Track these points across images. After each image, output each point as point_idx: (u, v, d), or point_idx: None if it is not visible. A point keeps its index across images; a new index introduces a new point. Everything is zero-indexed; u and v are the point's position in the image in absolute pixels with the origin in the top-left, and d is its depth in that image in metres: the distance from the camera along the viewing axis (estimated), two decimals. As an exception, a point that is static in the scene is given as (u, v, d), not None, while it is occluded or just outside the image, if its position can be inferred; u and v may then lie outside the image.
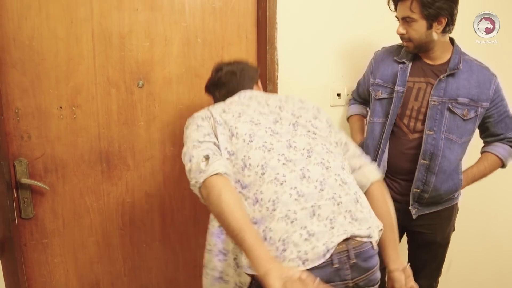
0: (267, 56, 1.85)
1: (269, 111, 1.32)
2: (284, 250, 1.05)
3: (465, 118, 1.60)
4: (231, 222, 1.04)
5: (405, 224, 1.70)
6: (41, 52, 1.55)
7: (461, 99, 1.59)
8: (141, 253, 1.81)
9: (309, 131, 1.27)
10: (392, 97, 1.66)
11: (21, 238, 1.63)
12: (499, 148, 1.71)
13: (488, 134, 1.72)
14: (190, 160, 1.18)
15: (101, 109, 1.66)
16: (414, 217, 1.68)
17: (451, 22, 1.58)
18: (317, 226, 1.08)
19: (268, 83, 1.87)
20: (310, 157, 1.20)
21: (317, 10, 1.94)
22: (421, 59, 1.68)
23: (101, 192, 1.71)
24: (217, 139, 1.23)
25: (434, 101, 1.60)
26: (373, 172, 1.34)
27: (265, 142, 1.20)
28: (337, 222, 1.11)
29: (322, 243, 1.06)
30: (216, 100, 1.49)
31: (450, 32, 1.63)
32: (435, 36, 1.58)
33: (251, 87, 1.47)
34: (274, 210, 1.10)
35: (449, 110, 1.59)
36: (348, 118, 2.00)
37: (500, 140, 1.71)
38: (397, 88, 1.66)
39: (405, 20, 1.58)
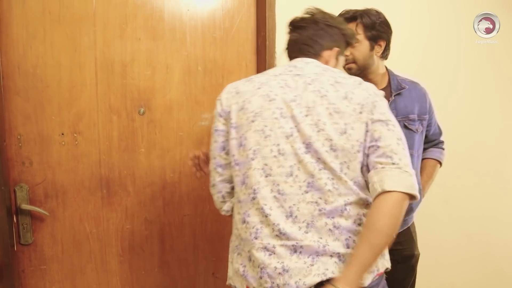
0: (267, 84, 1.88)
1: (290, 115, 1.14)
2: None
3: (418, 132, 1.71)
4: None
5: None
6: (44, 80, 1.58)
7: (411, 116, 1.70)
8: (140, 280, 1.80)
9: (319, 159, 1.10)
10: None
11: (20, 264, 1.63)
12: (435, 153, 1.86)
13: (426, 141, 1.83)
14: (213, 188, 1.36)
15: (102, 136, 1.68)
16: None
17: (388, 47, 1.69)
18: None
19: (268, 110, 1.89)
20: (306, 193, 1.10)
21: None
22: None
23: (100, 218, 1.72)
24: (227, 144, 1.24)
25: None
26: (385, 181, 1.06)
27: (265, 165, 1.13)
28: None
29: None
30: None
31: (386, 59, 1.72)
32: (375, 59, 1.67)
33: (316, 53, 1.27)
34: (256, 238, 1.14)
35: (405, 127, 1.68)
36: None
37: (434, 146, 1.87)
38: None
39: None
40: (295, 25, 1.31)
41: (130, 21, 1.68)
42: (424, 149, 1.85)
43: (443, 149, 1.90)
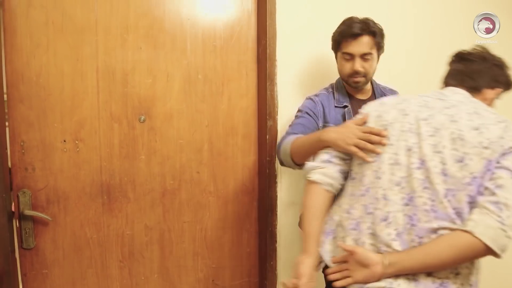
0: (267, 92, 1.89)
1: (417, 132, 1.16)
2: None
3: None
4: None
5: None
6: (47, 88, 1.63)
7: None
8: (140, 285, 1.82)
9: (427, 177, 1.11)
10: None
11: (22, 268, 1.66)
12: None
13: None
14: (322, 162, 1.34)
15: (104, 143, 1.71)
16: None
17: None
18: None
19: (268, 118, 1.90)
20: (406, 205, 1.13)
21: (316, 47, 1.98)
22: (353, 97, 1.73)
23: (101, 224, 1.74)
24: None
25: None
26: (480, 227, 1.05)
27: (380, 169, 1.19)
28: None
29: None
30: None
31: None
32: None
33: (477, 88, 1.27)
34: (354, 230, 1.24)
35: None
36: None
37: None
38: None
39: (363, 57, 1.60)
40: (462, 57, 1.34)
41: (131, 30, 1.71)
42: None
43: None
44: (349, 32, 1.58)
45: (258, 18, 1.91)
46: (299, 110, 1.70)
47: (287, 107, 1.95)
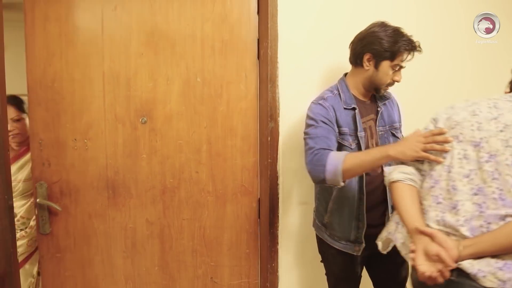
0: (268, 94, 1.89)
1: (486, 129, 1.24)
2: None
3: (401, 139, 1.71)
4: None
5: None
6: (61, 93, 1.83)
7: (395, 124, 1.73)
8: (141, 276, 1.95)
9: (496, 169, 1.20)
10: (359, 143, 1.62)
11: (40, 251, 1.90)
12: None
13: None
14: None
15: (109, 142, 1.87)
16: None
17: None
18: None
19: (270, 120, 1.90)
20: (475, 195, 1.21)
21: (318, 48, 1.95)
22: (358, 99, 1.68)
23: (106, 216, 1.91)
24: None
25: (381, 130, 1.69)
26: None
27: (450, 163, 1.28)
28: None
29: None
30: None
31: None
32: None
33: None
34: None
35: (393, 135, 1.70)
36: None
37: None
38: (359, 134, 1.62)
39: (400, 69, 1.63)
40: None
41: (133, 37, 1.84)
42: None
43: None
44: (410, 47, 1.58)
45: (260, 20, 1.91)
46: (311, 118, 1.62)
47: (288, 108, 1.94)
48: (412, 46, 1.57)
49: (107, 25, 1.83)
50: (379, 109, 1.67)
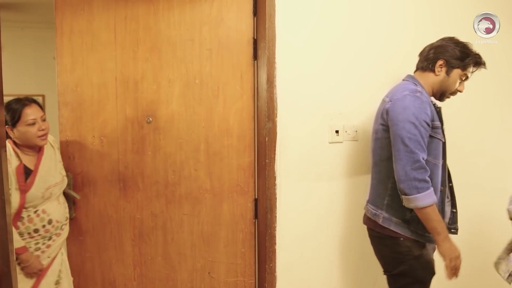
0: (266, 94, 1.89)
1: None
2: None
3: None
4: None
5: None
6: (82, 95, 2.08)
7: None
8: (147, 264, 2.11)
9: None
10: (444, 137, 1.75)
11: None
12: None
13: None
14: None
15: (120, 140, 2.07)
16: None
17: None
18: None
19: (267, 120, 1.90)
20: None
21: (316, 49, 1.94)
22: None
23: (119, 207, 2.10)
24: None
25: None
26: None
27: None
28: None
29: None
30: None
31: None
32: None
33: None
34: None
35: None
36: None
37: None
38: (443, 127, 1.73)
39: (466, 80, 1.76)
40: None
41: (140, 44, 2.01)
42: None
43: None
44: (479, 61, 1.71)
45: (257, 20, 1.93)
46: (413, 114, 1.59)
47: (286, 109, 1.93)
48: (480, 61, 1.71)
49: (119, 33, 2.03)
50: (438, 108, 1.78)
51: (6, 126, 1.78)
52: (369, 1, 1.95)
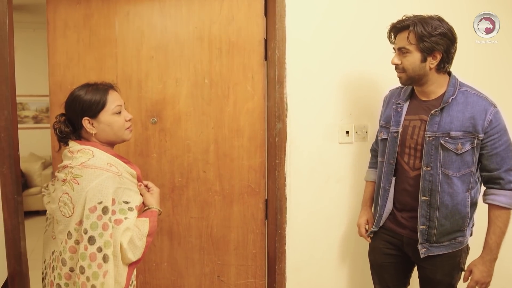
0: (276, 95, 1.89)
1: None
2: None
3: (459, 152, 1.50)
4: None
5: (413, 258, 1.66)
6: (78, 95, 1.94)
7: (453, 133, 1.49)
8: (151, 271, 2.02)
9: None
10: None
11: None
12: (501, 197, 1.52)
13: (483, 168, 1.56)
14: None
15: (122, 141, 1.96)
16: (422, 256, 1.57)
17: (447, 59, 1.50)
18: None
19: (278, 120, 1.90)
20: None
21: (326, 48, 1.95)
22: (416, 97, 1.62)
23: (120, 212, 1.99)
24: None
25: (429, 137, 1.53)
26: None
27: None
28: None
29: None
30: None
31: (446, 70, 1.54)
32: (428, 70, 1.51)
33: None
34: None
35: (442, 145, 1.51)
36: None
37: (496, 183, 1.53)
38: (391, 128, 1.64)
39: (400, 51, 1.54)
40: None
41: (145, 42, 1.92)
42: (486, 186, 1.57)
43: (510, 189, 1.51)
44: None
45: (268, 21, 1.93)
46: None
47: (296, 109, 1.94)
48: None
49: (120, 29, 1.92)
50: (433, 111, 1.51)
51: (84, 118, 1.36)
52: (375, 0, 1.98)
